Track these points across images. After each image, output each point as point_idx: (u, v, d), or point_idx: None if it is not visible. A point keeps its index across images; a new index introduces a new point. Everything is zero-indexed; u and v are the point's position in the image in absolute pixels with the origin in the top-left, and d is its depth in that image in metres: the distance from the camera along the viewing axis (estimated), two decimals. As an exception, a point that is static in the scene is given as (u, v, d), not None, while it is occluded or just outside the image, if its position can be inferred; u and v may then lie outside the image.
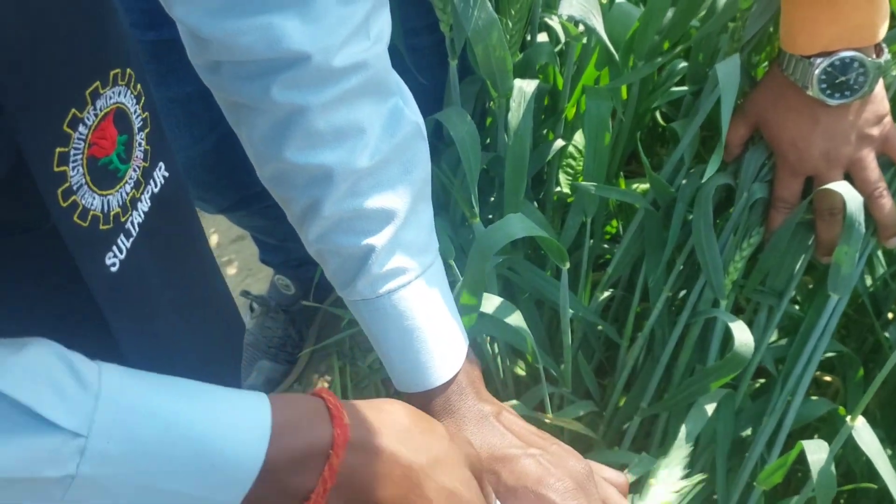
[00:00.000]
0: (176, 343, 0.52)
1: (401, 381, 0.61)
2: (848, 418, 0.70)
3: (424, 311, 0.59)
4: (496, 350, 1.00)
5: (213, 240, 1.60)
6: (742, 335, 0.75)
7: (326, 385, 1.38)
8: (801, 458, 0.75)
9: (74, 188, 0.38)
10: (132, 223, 0.44)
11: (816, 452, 0.70)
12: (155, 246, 0.48)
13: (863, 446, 0.69)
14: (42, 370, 0.36)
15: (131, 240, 0.44)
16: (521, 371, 1.09)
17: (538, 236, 0.74)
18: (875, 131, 0.73)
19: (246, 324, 1.40)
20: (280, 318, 1.34)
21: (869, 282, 0.89)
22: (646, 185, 0.94)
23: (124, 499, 0.38)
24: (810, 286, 0.88)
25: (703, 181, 0.75)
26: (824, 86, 0.71)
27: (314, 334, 1.39)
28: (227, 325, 0.63)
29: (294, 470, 0.41)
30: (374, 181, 0.56)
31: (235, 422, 0.40)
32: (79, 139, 0.37)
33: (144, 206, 0.46)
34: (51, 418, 0.35)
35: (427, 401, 0.59)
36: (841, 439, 0.70)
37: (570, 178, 1.01)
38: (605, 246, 1.02)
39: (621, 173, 0.98)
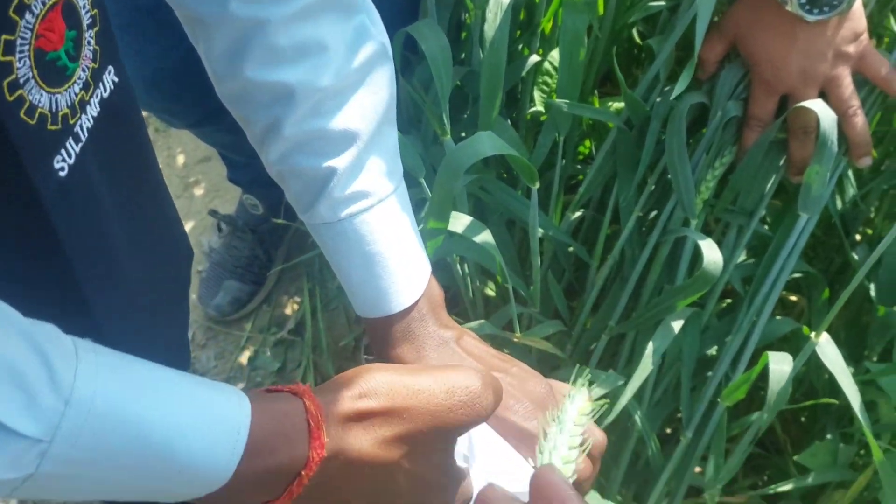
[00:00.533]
0: (126, 260, 0.50)
1: (361, 307, 0.60)
2: (812, 335, 0.71)
3: (386, 237, 0.58)
4: (466, 270, 1.00)
5: (180, 160, 1.57)
6: (711, 253, 0.75)
7: (296, 307, 1.38)
8: (765, 377, 0.76)
9: (21, 81, 0.36)
10: (81, 127, 0.42)
11: (779, 363, 0.71)
12: (104, 156, 0.47)
13: (826, 362, 0.70)
14: (13, 369, 0.33)
15: (80, 145, 0.43)
16: (490, 292, 1.09)
17: (509, 155, 0.73)
18: (851, 49, 0.72)
19: (214, 244, 1.38)
20: (248, 238, 1.33)
21: (839, 203, 0.90)
22: (620, 105, 0.92)
23: (83, 491, 0.37)
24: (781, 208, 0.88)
25: (672, 97, 0.74)
26: (803, 1, 0.70)
27: (283, 255, 1.38)
28: (176, 249, 0.62)
29: (260, 484, 0.40)
30: (337, 102, 0.55)
31: (210, 434, 0.38)
32: (25, 28, 0.35)
33: (93, 110, 0.44)
34: (16, 428, 0.33)
35: (387, 326, 0.59)
36: (805, 354, 0.71)
37: (545, 95, 1.00)
38: (578, 167, 1.01)
39: (596, 92, 0.97)
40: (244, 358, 1.35)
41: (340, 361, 1.30)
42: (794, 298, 0.94)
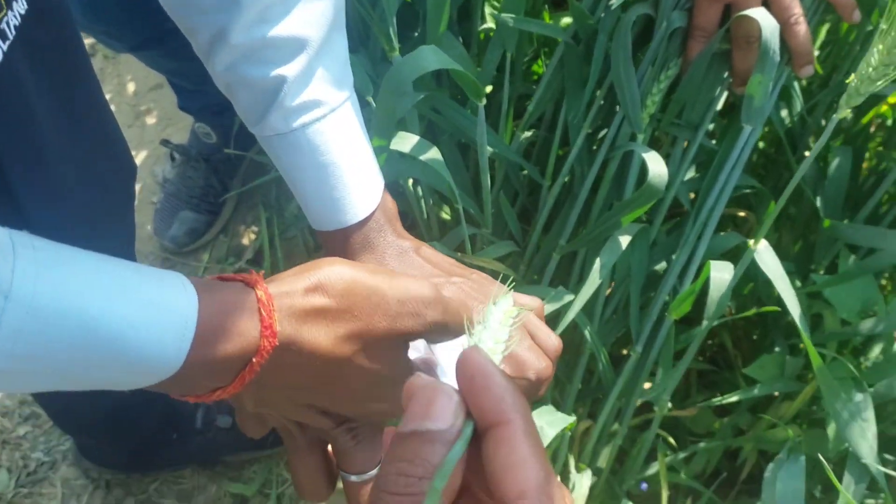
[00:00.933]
0: (59, 165, 0.49)
1: (317, 220, 0.59)
2: (751, 242, 0.72)
3: (340, 146, 0.57)
4: (420, 193, 0.99)
5: (131, 87, 1.53)
6: (656, 166, 0.75)
7: (254, 236, 1.37)
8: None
9: None
10: (7, 24, 0.41)
11: (720, 271, 0.72)
12: (34, 57, 0.45)
13: (764, 269, 0.71)
14: None
15: (7, 43, 0.41)
16: (446, 215, 1.09)
17: (453, 70, 0.72)
18: None
19: (167, 174, 1.36)
20: (201, 168, 1.31)
21: (787, 118, 0.90)
22: (570, 20, 0.91)
23: (36, 384, 0.37)
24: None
25: (615, 4, 0.73)
26: None
27: (238, 184, 1.36)
28: (116, 162, 0.61)
29: (211, 372, 0.40)
30: (284, 7, 0.53)
31: (157, 326, 0.37)
32: None
33: (21, 7, 0.42)
34: None
35: (345, 238, 0.58)
36: (745, 262, 0.72)
37: (496, 12, 0.98)
38: (534, 87, 1.00)
39: (546, 7, 0.95)
40: (203, 288, 1.34)
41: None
42: (743, 214, 0.95)
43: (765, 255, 0.71)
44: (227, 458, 1.17)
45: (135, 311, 0.37)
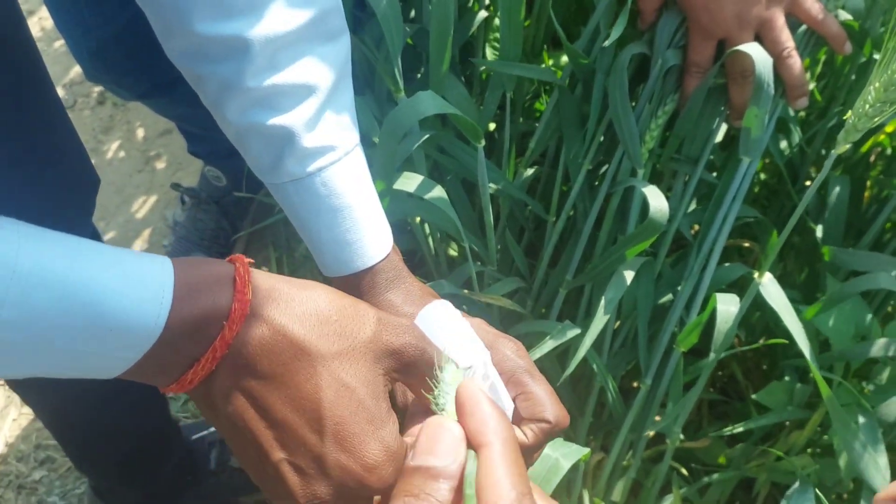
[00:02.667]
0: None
1: (331, 266, 0.58)
2: (755, 274, 0.73)
3: (353, 190, 0.57)
4: (428, 231, 1.01)
5: (140, 133, 1.56)
6: (657, 201, 0.76)
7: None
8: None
9: None
10: None
11: (726, 304, 0.72)
12: None
13: (769, 300, 0.71)
14: None
15: None
16: (453, 252, 1.10)
17: (451, 114, 0.73)
18: None
19: (178, 217, 1.38)
20: (212, 210, 1.33)
21: (787, 149, 0.91)
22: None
23: (19, 362, 0.38)
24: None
25: (607, 43, 0.74)
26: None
27: (248, 226, 1.38)
28: (73, 174, 0.61)
29: (188, 335, 0.41)
30: (294, 53, 0.54)
31: (136, 288, 0.39)
32: None
33: None
34: None
35: (357, 283, 0.58)
36: (750, 295, 0.72)
37: (497, 53, 1.00)
38: (536, 124, 1.01)
39: (545, 47, 0.97)
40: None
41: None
42: (748, 245, 0.95)
43: (770, 288, 0.72)
44: (242, 500, 1.17)
45: (114, 280, 0.38)
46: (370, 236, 0.58)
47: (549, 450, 0.69)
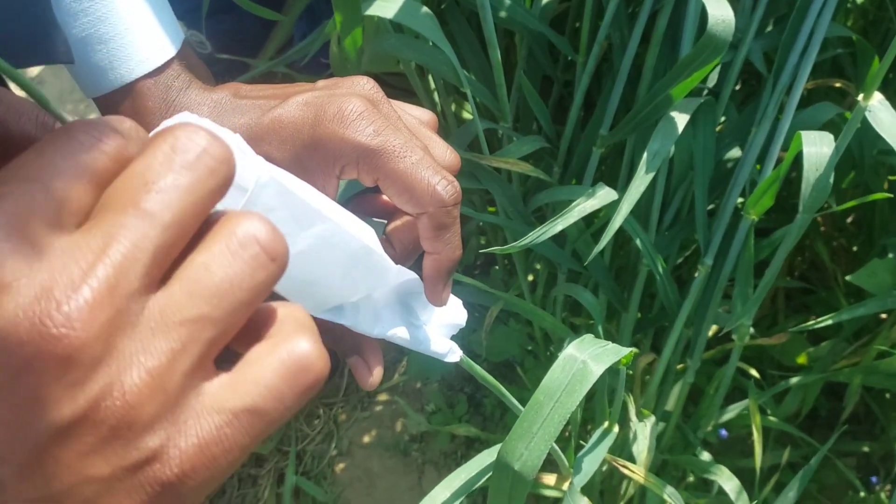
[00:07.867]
0: None
1: (83, 78, 0.45)
2: (860, 97, 0.51)
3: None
4: (432, 86, 0.81)
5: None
6: (719, 10, 0.55)
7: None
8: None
9: None
10: None
11: (817, 144, 0.51)
12: None
13: (881, 131, 0.50)
14: None
15: None
16: (468, 114, 0.91)
17: None
18: None
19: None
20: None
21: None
22: None
23: None
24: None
25: None
26: None
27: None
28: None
29: None
30: None
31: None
32: None
33: None
34: None
35: (132, 103, 0.45)
36: (852, 126, 0.51)
37: None
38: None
39: None
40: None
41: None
42: (838, 85, 0.73)
43: (881, 113, 0.50)
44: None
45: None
46: (142, 37, 0.44)
47: (573, 349, 0.51)
